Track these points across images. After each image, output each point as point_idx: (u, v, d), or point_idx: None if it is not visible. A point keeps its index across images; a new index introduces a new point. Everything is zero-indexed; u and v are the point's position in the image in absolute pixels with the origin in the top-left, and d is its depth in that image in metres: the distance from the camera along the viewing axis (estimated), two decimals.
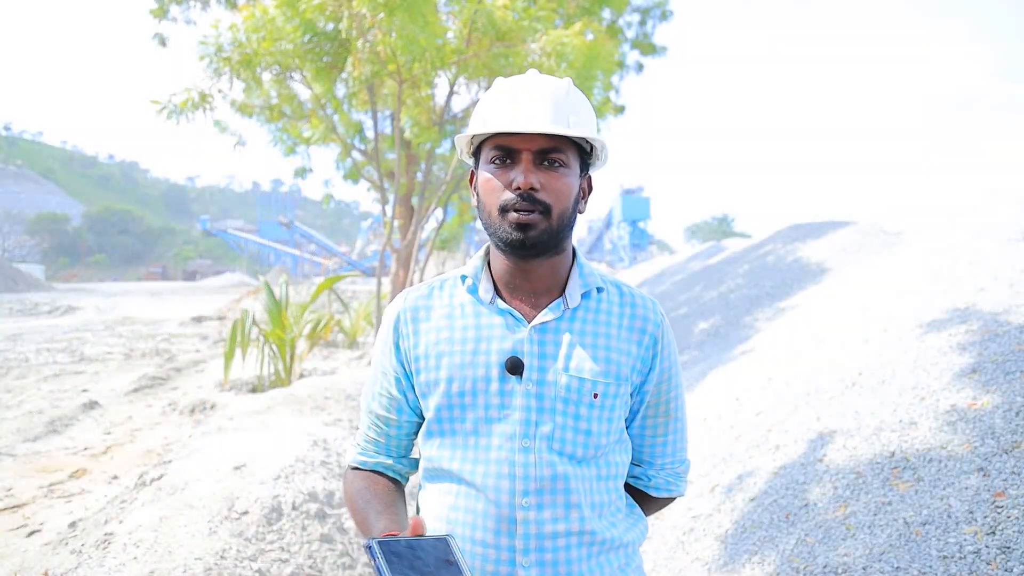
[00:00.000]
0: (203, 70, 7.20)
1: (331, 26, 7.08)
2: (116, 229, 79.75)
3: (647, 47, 12.17)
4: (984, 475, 2.24)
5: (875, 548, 2.16)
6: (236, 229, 65.63)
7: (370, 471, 1.13)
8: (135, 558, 2.51)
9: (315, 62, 7.63)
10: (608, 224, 56.73)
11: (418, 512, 1.12)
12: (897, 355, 3.46)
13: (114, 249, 77.50)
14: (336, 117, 9.57)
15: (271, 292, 7.48)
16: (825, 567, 2.19)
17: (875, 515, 2.33)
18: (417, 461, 1.18)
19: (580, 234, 70.37)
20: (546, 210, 0.97)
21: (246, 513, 3.00)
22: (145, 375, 8.13)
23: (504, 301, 1.06)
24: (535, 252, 1.00)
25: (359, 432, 1.17)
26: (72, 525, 3.34)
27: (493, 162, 1.00)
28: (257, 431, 4.41)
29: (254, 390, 7.12)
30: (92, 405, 6.43)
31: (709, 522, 2.87)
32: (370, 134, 9.94)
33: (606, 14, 10.41)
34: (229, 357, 6.97)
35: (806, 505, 2.61)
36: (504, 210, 0.98)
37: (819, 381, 3.65)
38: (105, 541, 2.71)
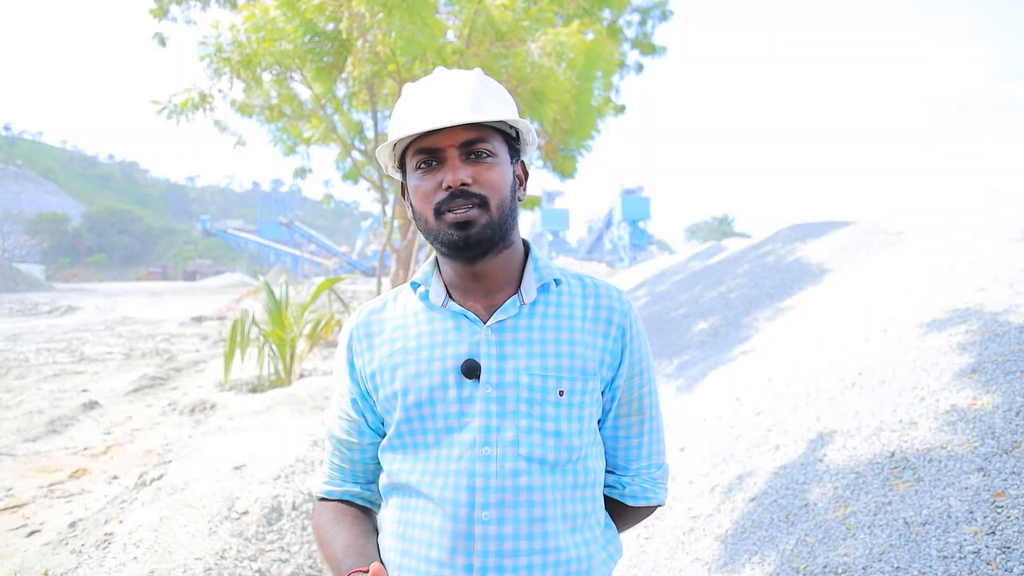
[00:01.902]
0: (203, 70, 7.20)
1: (331, 26, 7.08)
2: (116, 229, 79.78)
3: (647, 47, 12.18)
4: (984, 475, 2.24)
5: (875, 548, 2.16)
6: (236, 229, 65.66)
7: (338, 501, 1.08)
8: (135, 558, 2.51)
9: (315, 62, 7.64)
10: (608, 224, 56.77)
11: (379, 530, 1.07)
12: (897, 355, 3.46)
13: (114, 249, 77.53)
14: (336, 117, 9.58)
15: (271, 292, 7.48)
16: (825, 567, 2.19)
17: (875, 515, 2.33)
18: None
19: (580, 234, 70.44)
20: (483, 203, 0.93)
21: (246, 513, 3.00)
22: (145, 375, 8.14)
23: (457, 304, 1.00)
24: (481, 250, 0.95)
25: (325, 461, 1.11)
26: (72, 525, 3.34)
27: (419, 167, 0.95)
28: (257, 431, 4.41)
29: (254, 390, 7.12)
30: (92, 405, 6.43)
31: (709, 522, 2.87)
32: (370, 134, 9.95)
33: (606, 14, 10.42)
34: (229, 357, 6.97)
35: (806, 505, 2.61)
36: (439, 212, 0.93)
37: (819, 381, 3.65)
38: (105, 541, 2.71)
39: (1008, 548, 1.91)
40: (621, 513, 1.10)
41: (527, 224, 64.88)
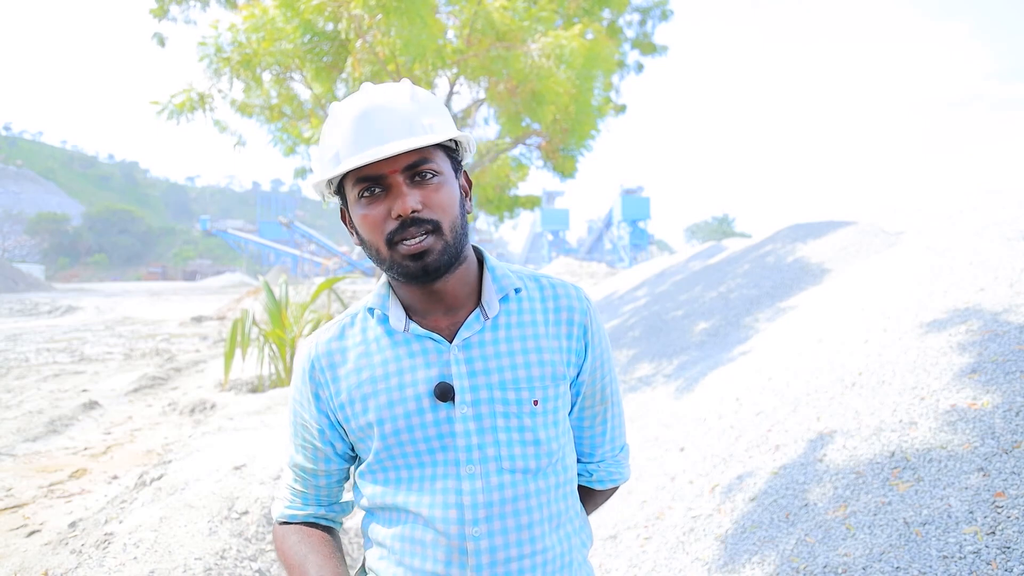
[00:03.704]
0: (203, 70, 7.21)
1: (330, 26, 7.09)
2: (116, 229, 79.80)
3: (647, 47, 12.17)
4: (984, 475, 2.24)
5: (875, 548, 2.16)
6: (236, 229, 65.70)
7: (302, 523, 1.07)
8: (135, 558, 2.51)
9: (315, 62, 7.64)
10: (608, 224, 56.77)
11: (364, 539, 1.07)
12: (897, 355, 3.46)
13: (114, 249, 77.53)
14: None
15: (271, 292, 7.48)
16: (825, 567, 2.19)
17: (875, 515, 2.33)
18: (349, 504, 1.12)
19: (580, 234, 70.40)
20: (436, 228, 0.90)
21: (246, 513, 3.00)
22: (145, 375, 8.14)
23: (419, 326, 0.98)
24: (438, 275, 0.92)
25: (283, 486, 1.10)
26: (72, 525, 3.34)
27: (362, 196, 0.90)
28: (257, 431, 4.41)
29: (254, 390, 7.12)
30: (92, 405, 6.43)
31: (709, 522, 2.87)
32: None
33: (606, 14, 10.41)
34: (229, 357, 6.97)
35: (806, 505, 2.61)
36: (392, 243, 0.89)
37: (819, 381, 3.65)
38: (105, 541, 2.71)
39: (1008, 548, 1.91)
40: (589, 497, 1.15)
41: (527, 224, 64.88)
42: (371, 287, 25.33)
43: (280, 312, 7.35)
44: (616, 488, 1.16)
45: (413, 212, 0.88)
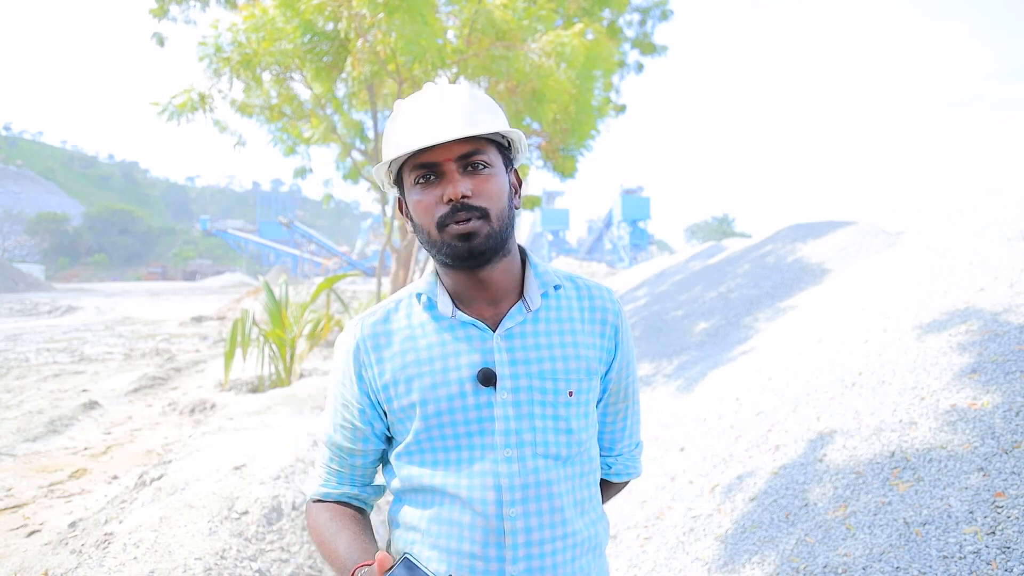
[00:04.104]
0: (203, 70, 7.20)
1: (330, 26, 7.08)
2: (116, 229, 79.80)
3: (647, 47, 12.17)
4: (984, 475, 2.24)
5: (875, 548, 2.16)
6: (236, 229, 65.70)
7: (334, 503, 1.10)
8: (135, 558, 2.51)
9: (315, 62, 7.64)
10: (608, 224, 56.75)
11: (391, 525, 1.10)
12: (897, 355, 3.46)
13: (114, 249, 77.53)
14: (336, 117, 9.57)
15: (271, 292, 7.48)
16: (825, 567, 2.19)
17: (875, 515, 2.33)
18: (381, 488, 1.15)
19: (580, 234, 70.45)
20: (484, 215, 0.96)
21: (246, 513, 3.00)
22: (145, 375, 8.14)
23: (465, 313, 1.03)
24: (484, 259, 0.98)
25: (319, 464, 1.13)
26: (72, 525, 3.34)
27: (418, 182, 0.98)
28: (257, 431, 4.41)
29: (254, 390, 7.12)
30: (92, 405, 6.43)
31: (709, 522, 2.87)
32: (370, 134, 9.94)
33: (606, 14, 10.41)
34: (229, 357, 6.97)
35: (806, 505, 2.61)
36: (442, 225, 0.96)
37: (819, 381, 3.65)
38: (105, 541, 2.71)
39: (1008, 548, 1.91)
40: (605, 488, 1.21)
41: (527, 224, 64.85)
42: (371, 287, 25.33)
43: (280, 312, 7.35)
44: (627, 483, 1.24)
45: (463, 197, 0.94)
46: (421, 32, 6.28)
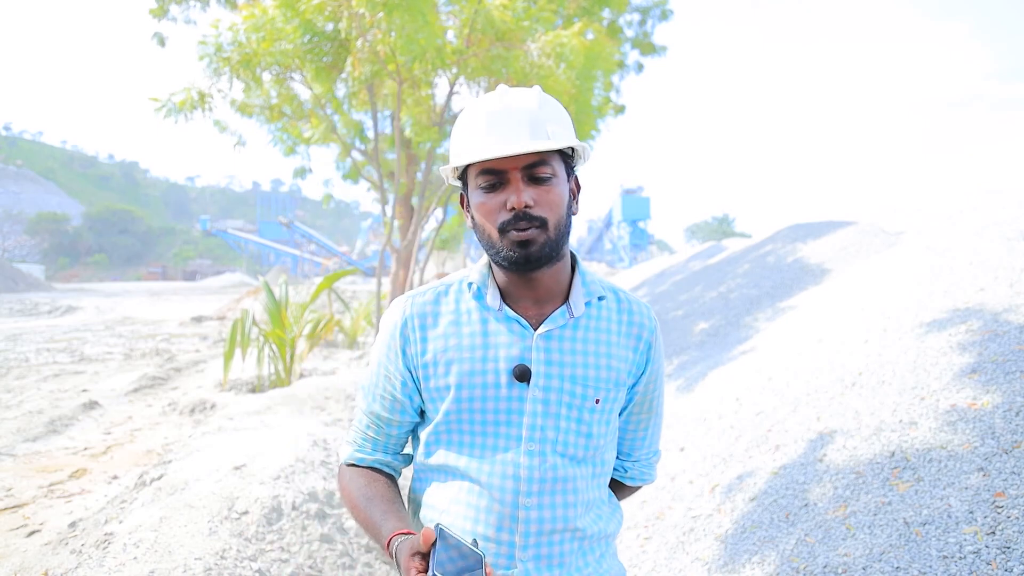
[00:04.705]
0: (203, 70, 7.20)
1: (330, 26, 7.08)
2: (116, 229, 79.76)
3: (647, 47, 12.17)
4: (984, 475, 2.24)
5: (875, 548, 2.16)
6: (236, 229, 65.72)
7: (367, 468, 1.16)
8: (135, 558, 2.51)
9: (315, 62, 7.63)
10: (608, 224, 56.75)
11: (411, 503, 1.16)
12: (897, 355, 3.46)
13: (114, 249, 77.51)
14: (336, 117, 9.56)
15: (271, 292, 7.48)
16: (825, 567, 2.19)
17: (875, 515, 2.32)
18: (410, 456, 1.20)
19: (580, 234, 70.43)
20: (543, 224, 0.99)
21: (246, 513, 3.00)
22: (145, 375, 8.14)
23: (511, 308, 1.08)
24: (538, 265, 1.02)
25: (354, 430, 1.18)
26: (72, 525, 3.34)
27: (482, 186, 1.01)
28: (257, 431, 4.41)
29: (254, 390, 7.12)
30: (92, 405, 6.43)
31: (709, 522, 2.87)
32: (370, 134, 9.94)
33: (606, 14, 10.41)
34: (228, 357, 6.97)
35: (806, 505, 2.61)
36: (504, 231, 1.00)
37: (819, 381, 3.65)
38: (105, 541, 2.71)
39: (1008, 548, 1.91)
40: (618, 489, 1.26)
41: None
42: (371, 287, 25.32)
43: (280, 312, 7.34)
44: (640, 487, 1.28)
45: (526, 207, 0.98)
46: (421, 32, 6.28)
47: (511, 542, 1.03)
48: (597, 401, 1.07)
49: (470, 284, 1.11)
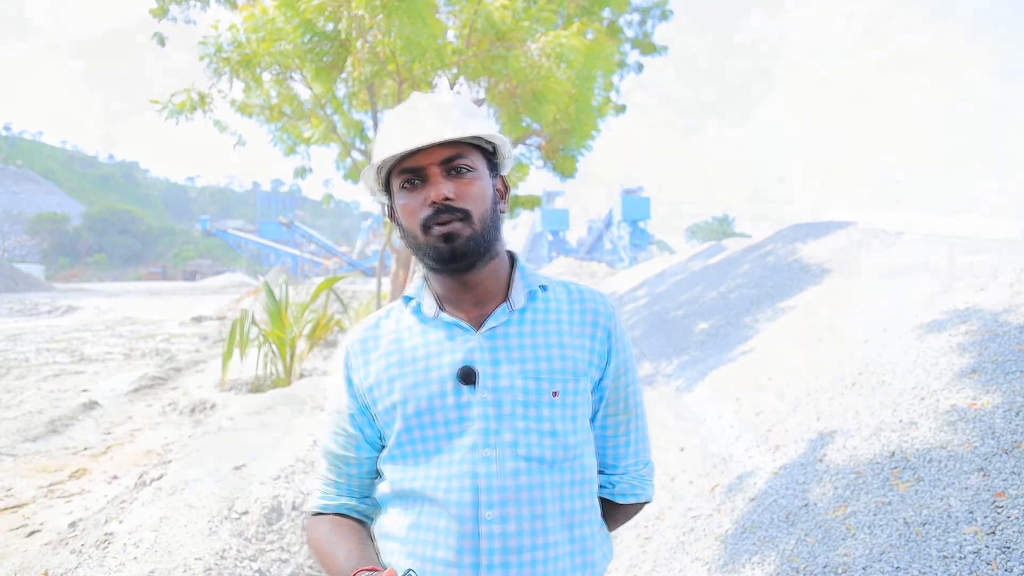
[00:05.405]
0: (203, 70, 7.20)
1: (330, 26, 7.08)
2: (116, 229, 79.79)
3: (647, 47, 12.16)
4: (984, 475, 2.24)
5: (875, 548, 2.16)
6: (236, 229, 65.68)
7: (333, 514, 1.09)
8: (135, 558, 2.51)
9: (315, 62, 7.63)
10: (608, 224, 56.73)
11: (376, 536, 1.09)
12: (897, 355, 3.46)
13: (114, 249, 77.52)
14: (336, 117, 9.56)
15: (271, 292, 7.48)
16: (825, 567, 2.19)
17: (875, 515, 2.32)
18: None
19: (580, 234, 70.48)
20: (466, 216, 0.97)
21: (246, 513, 3.00)
22: (145, 375, 8.14)
23: (448, 314, 1.04)
24: (467, 261, 0.98)
25: (317, 478, 1.13)
26: (72, 525, 3.34)
27: (404, 187, 1.00)
28: (257, 431, 4.40)
29: (254, 390, 7.12)
30: (92, 405, 6.43)
31: (709, 522, 2.87)
32: (370, 134, 9.94)
33: (606, 14, 10.41)
34: (227, 357, 6.97)
35: (806, 505, 2.61)
36: (426, 227, 0.98)
37: (819, 381, 3.65)
38: (105, 541, 2.71)
39: (1008, 548, 1.91)
40: (611, 511, 1.13)
41: (527, 224, 64.84)
42: (371, 287, 25.30)
43: (280, 312, 7.34)
44: (640, 506, 1.16)
45: (446, 200, 0.96)
46: (420, 32, 6.28)
47: (475, 564, 0.92)
48: (555, 394, 0.99)
49: (407, 300, 1.08)
